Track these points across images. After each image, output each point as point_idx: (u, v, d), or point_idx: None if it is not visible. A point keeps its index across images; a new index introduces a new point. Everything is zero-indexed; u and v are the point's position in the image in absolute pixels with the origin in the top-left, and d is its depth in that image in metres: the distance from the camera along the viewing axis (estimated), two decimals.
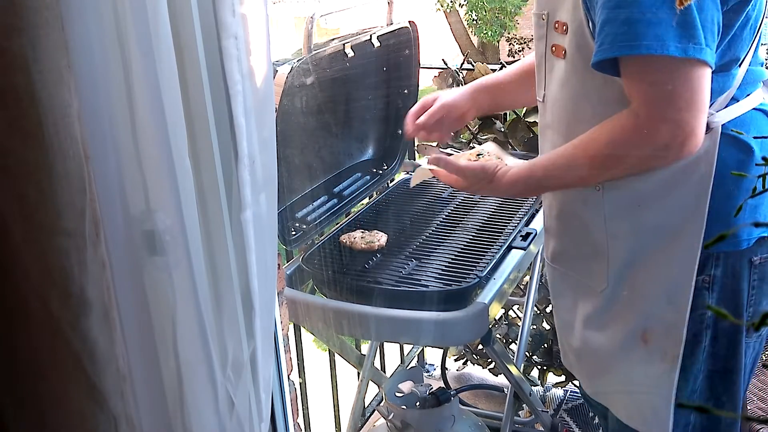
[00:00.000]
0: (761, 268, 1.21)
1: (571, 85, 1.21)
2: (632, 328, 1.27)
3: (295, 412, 1.17)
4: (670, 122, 1.06)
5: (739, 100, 1.16)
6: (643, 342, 1.25)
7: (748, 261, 1.20)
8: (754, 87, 1.19)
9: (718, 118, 1.13)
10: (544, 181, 1.26)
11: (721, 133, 1.12)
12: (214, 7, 0.76)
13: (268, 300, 0.93)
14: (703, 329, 1.22)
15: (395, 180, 2.12)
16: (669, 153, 1.09)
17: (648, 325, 1.25)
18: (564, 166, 1.21)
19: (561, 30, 1.19)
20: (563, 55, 1.20)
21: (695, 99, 1.05)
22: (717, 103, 1.13)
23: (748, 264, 1.20)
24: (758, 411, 1.71)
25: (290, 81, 1.43)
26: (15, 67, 0.57)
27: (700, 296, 1.20)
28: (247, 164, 0.82)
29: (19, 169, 0.60)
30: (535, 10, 1.28)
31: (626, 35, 1.04)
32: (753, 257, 1.20)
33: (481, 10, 10.62)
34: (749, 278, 1.21)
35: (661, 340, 1.23)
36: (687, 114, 1.05)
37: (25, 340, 0.65)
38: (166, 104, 0.71)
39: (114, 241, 0.70)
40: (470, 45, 11.16)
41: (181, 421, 0.81)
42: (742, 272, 1.20)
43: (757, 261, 1.20)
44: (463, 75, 2.45)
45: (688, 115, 1.05)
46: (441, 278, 1.51)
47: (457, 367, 2.67)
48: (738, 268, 1.20)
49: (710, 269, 1.19)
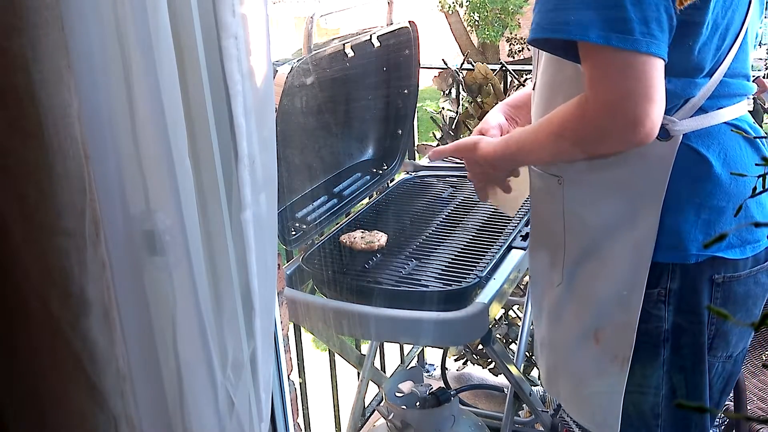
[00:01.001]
0: (725, 287, 1.19)
1: (549, 74, 1.23)
2: (585, 327, 1.27)
3: (295, 412, 1.17)
4: (610, 107, 1.05)
5: (707, 112, 1.14)
6: (595, 341, 1.26)
7: (709, 279, 1.18)
8: (729, 101, 1.17)
9: (680, 127, 1.12)
10: (517, 154, 1.28)
11: (682, 143, 1.12)
12: (214, 7, 0.76)
13: (268, 300, 0.93)
14: (661, 342, 1.21)
15: (395, 180, 2.12)
16: (612, 139, 1.08)
17: (600, 324, 1.25)
18: (530, 141, 1.23)
19: None
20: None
21: (636, 88, 1.03)
22: (681, 111, 1.12)
23: (708, 282, 1.18)
24: (758, 411, 1.71)
25: (290, 81, 1.43)
26: (15, 67, 0.57)
27: (656, 308, 1.19)
28: (247, 164, 0.82)
29: (19, 169, 0.60)
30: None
31: (553, 19, 1.06)
32: (714, 275, 1.18)
33: (483, 11, 10.61)
34: (710, 296, 1.19)
35: (612, 342, 1.23)
36: (629, 101, 1.03)
37: (25, 340, 0.65)
38: (166, 104, 0.71)
39: (114, 241, 0.70)
40: (470, 45, 11.15)
41: (181, 421, 0.81)
42: (701, 289, 1.18)
43: (719, 280, 1.18)
44: (463, 75, 2.46)
45: (630, 103, 1.03)
46: (441, 278, 1.51)
47: (457, 367, 2.67)
48: (697, 285, 1.18)
49: (666, 282, 1.18)
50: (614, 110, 1.05)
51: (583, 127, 1.10)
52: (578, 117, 1.10)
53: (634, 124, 1.04)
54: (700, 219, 1.16)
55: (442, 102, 2.54)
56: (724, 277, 1.18)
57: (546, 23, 1.07)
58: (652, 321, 1.20)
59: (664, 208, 1.14)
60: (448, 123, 2.51)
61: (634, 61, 1.02)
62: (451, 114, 2.51)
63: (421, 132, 3.13)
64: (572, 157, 1.19)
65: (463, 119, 2.48)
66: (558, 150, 1.17)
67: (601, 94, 1.06)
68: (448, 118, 2.51)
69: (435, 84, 2.53)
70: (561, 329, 1.34)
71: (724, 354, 1.26)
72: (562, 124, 1.13)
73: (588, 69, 1.06)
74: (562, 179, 1.24)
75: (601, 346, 1.26)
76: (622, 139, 1.07)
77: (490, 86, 2.42)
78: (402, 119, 2.02)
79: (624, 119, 1.04)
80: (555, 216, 1.28)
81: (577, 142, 1.13)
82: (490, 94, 2.41)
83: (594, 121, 1.08)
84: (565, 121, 1.13)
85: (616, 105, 1.05)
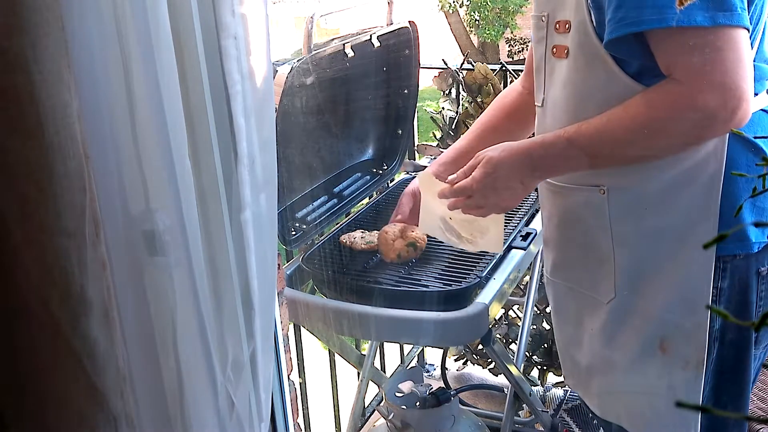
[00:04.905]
0: None
1: (574, 84, 1.18)
2: (648, 338, 1.22)
3: (295, 412, 1.17)
4: (718, 86, 1.01)
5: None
6: (661, 351, 1.20)
7: (756, 272, 1.16)
8: (761, 86, 1.15)
9: None
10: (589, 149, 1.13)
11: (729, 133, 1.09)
12: (214, 7, 0.76)
13: (268, 300, 0.93)
14: (711, 342, 1.18)
15: (395, 180, 2.12)
16: (717, 121, 1.03)
17: (665, 333, 1.19)
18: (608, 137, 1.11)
19: (563, 29, 1.17)
20: (565, 55, 1.17)
21: (739, 62, 1.01)
22: None
23: (755, 275, 1.17)
24: (758, 411, 1.71)
25: (290, 81, 1.43)
26: (15, 67, 0.57)
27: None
28: (247, 164, 0.82)
29: (19, 169, 0.60)
30: (535, 12, 1.26)
31: (650, 8, 1.01)
32: (761, 267, 1.17)
33: (484, 10, 10.61)
34: (757, 290, 1.17)
35: (681, 348, 1.18)
36: (735, 76, 1.00)
37: (25, 340, 0.65)
38: (166, 104, 0.71)
39: (114, 241, 0.70)
40: (470, 45, 11.15)
41: (181, 421, 0.81)
42: (750, 283, 1.17)
43: (764, 271, 1.17)
44: (463, 75, 2.45)
45: (736, 78, 1.00)
46: (441, 278, 1.51)
47: (457, 367, 2.67)
48: (746, 280, 1.16)
49: (717, 281, 1.15)
50: (724, 87, 1.01)
51: (686, 111, 1.04)
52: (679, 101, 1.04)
53: (741, 99, 1.01)
54: (756, 207, 1.14)
55: (442, 102, 2.54)
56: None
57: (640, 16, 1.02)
58: None
59: (721, 201, 1.11)
60: (448, 123, 2.51)
61: (733, 37, 1.00)
62: (451, 114, 2.50)
63: (421, 132, 3.13)
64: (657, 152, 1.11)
65: (463, 119, 2.48)
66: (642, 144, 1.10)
67: (708, 72, 1.01)
68: (448, 118, 2.51)
69: (435, 84, 2.53)
70: (618, 347, 1.26)
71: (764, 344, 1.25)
72: (655, 113, 1.07)
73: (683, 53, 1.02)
74: (605, 189, 1.18)
75: (669, 356, 1.20)
76: (732, 117, 1.02)
77: (490, 86, 2.42)
78: (402, 119, 2.02)
79: (734, 95, 1.01)
80: (599, 229, 1.21)
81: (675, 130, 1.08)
82: (490, 94, 2.41)
83: (701, 103, 1.02)
84: (657, 108, 1.06)
85: (725, 81, 1.01)
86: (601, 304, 1.26)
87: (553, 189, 1.29)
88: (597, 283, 1.26)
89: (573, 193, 1.25)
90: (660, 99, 1.06)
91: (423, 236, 1.57)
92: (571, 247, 1.31)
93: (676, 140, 1.10)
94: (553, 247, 1.36)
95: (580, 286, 1.30)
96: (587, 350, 1.32)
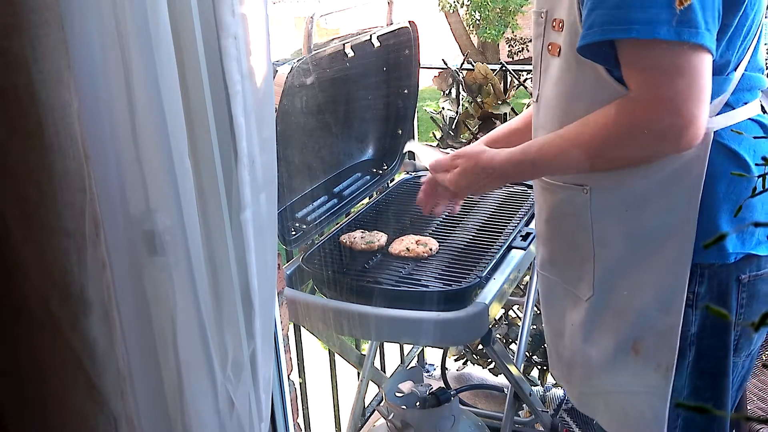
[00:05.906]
0: (750, 286, 1.17)
1: (565, 83, 1.18)
2: (622, 339, 1.23)
3: (295, 412, 1.17)
4: (667, 107, 1.02)
5: (734, 108, 1.13)
6: (634, 353, 1.22)
7: (736, 279, 1.16)
8: (751, 95, 1.15)
9: (712, 124, 1.09)
10: (537, 162, 1.21)
11: (714, 141, 1.09)
12: (214, 7, 0.76)
13: (268, 300, 0.93)
14: (687, 346, 1.19)
15: (395, 180, 2.12)
16: (666, 142, 1.05)
17: (638, 335, 1.21)
18: (556, 148, 1.17)
19: (558, 27, 1.17)
20: (558, 53, 1.18)
21: (694, 85, 1.01)
22: (712, 108, 1.09)
23: (735, 282, 1.16)
24: (758, 411, 1.71)
25: (290, 81, 1.43)
26: (15, 67, 0.57)
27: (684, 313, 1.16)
28: (247, 164, 0.82)
29: (19, 169, 0.60)
30: (535, 8, 1.27)
31: (616, 18, 1.01)
32: (741, 275, 1.16)
33: (485, 10, 10.61)
34: (737, 297, 1.17)
35: (653, 351, 1.20)
36: (686, 100, 1.01)
37: (25, 340, 0.65)
38: (166, 104, 0.71)
39: (114, 241, 0.70)
40: (470, 45, 11.15)
41: (181, 421, 0.81)
42: (730, 291, 1.16)
43: (745, 279, 1.16)
44: (463, 75, 2.45)
45: (687, 102, 1.01)
46: (441, 278, 1.51)
47: (457, 367, 2.67)
48: (724, 286, 1.16)
49: (694, 286, 1.16)
50: (673, 109, 1.01)
51: (635, 128, 1.06)
52: (630, 118, 1.06)
53: (690, 123, 1.01)
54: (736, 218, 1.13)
55: (442, 102, 2.54)
56: (749, 276, 1.17)
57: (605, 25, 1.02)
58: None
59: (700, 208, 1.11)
60: (448, 123, 2.51)
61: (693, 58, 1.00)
62: (451, 114, 2.50)
63: (421, 132, 3.12)
64: (607, 165, 1.15)
65: (463, 119, 2.48)
66: (594, 156, 1.12)
67: (659, 91, 1.02)
68: (448, 118, 2.51)
69: (435, 84, 2.53)
70: (595, 344, 1.28)
71: (745, 353, 1.25)
72: (603, 130, 1.09)
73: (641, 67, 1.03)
74: (588, 188, 1.20)
75: (641, 357, 1.21)
76: (679, 140, 1.03)
77: (490, 86, 2.42)
78: (402, 119, 2.02)
79: (683, 118, 1.01)
80: (581, 228, 1.23)
81: (622, 146, 1.10)
82: (490, 94, 2.41)
83: (650, 122, 1.04)
84: (606, 126, 1.08)
85: (675, 102, 1.01)
86: (581, 300, 1.28)
87: (543, 185, 1.32)
88: (578, 280, 1.28)
89: (559, 191, 1.27)
90: (616, 116, 1.07)
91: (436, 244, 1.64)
92: (556, 243, 1.34)
93: (634, 155, 1.12)
94: (543, 241, 1.38)
95: (564, 282, 1.33)
96: (568, 344, 1.35)
